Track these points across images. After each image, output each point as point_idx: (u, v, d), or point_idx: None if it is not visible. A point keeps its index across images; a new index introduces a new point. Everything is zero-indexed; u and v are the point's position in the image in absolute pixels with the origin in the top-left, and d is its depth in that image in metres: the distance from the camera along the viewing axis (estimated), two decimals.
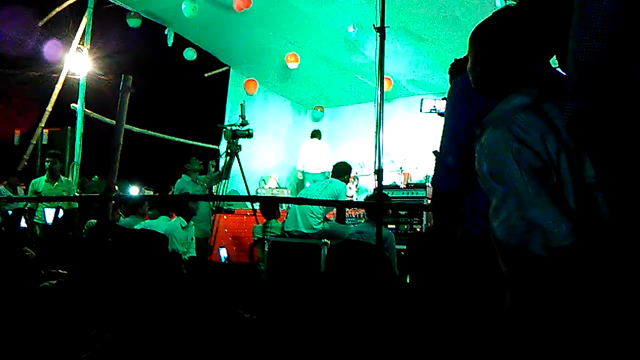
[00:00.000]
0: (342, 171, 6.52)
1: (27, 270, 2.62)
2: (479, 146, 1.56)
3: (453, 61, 2.83)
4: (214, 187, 7.45)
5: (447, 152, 2.13)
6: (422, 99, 4.37)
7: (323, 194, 6.21)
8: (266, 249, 5.69)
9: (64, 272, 2.71)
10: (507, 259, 1.47)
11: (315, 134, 10.10)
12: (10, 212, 3.79)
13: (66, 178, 7.37)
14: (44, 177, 7.26)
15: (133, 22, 8.25)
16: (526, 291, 1.43)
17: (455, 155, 2.07)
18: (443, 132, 2.17)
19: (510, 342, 1.48)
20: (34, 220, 6.87)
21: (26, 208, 6.84)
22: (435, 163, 2.25)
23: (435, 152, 2.30)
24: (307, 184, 9.15)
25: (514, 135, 1.46)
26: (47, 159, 7.40)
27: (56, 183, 7.18)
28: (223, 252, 6.28)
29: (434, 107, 4.31)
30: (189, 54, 9.26)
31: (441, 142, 2.16)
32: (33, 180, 7.44)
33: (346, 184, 6.51)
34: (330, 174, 6.84)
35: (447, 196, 2.14)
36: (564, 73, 1.57)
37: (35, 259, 2.83)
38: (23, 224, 4.50)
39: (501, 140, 1.47)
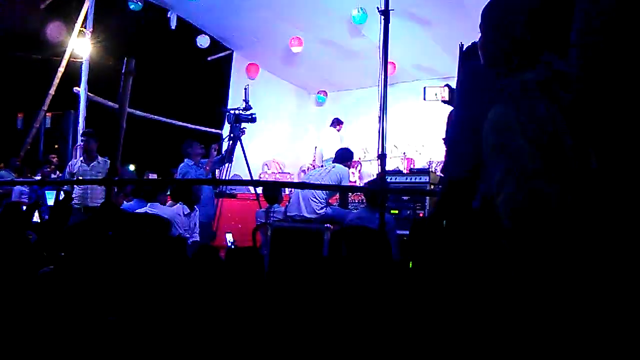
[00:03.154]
0: (344, 157, 6.53)
1: (28, 256, 2.63)
2: (486, 121, 1.55)
3: (462, 47, 2.80)
4: (216, 171, 7.45)
5: (460, 139, 2.10)
6: (424, 88, 4.34)
7: (326, 178, 6.21)
8: (269, 234, 5.70)
9: (63, 255, 2.72)
10: (510, 233, 1.47)
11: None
12: (24, 207, 3.77)
13: (104, 159, 6.71)
14: (80, 158, 6.78)
15: (135, 6, 8.21)
16: (530, 265, 1.43)
17: (468, 143, 2.05)
18: (454, 119, 2.15)
19: (513, 319, 1.48)
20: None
21: (40, 202, 6.68)
22: (446, 151, 2.23)
23: (444, 140, 2.28)
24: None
25: (522, 110, 1.45)
26: (81, 138, 7.06)
27: (92, 164, 6.66)
28: (229, 238, 6.28)
29: (436, 94, 4.28)
30: (202, 41, 9.24)
31: (452, 129, 2.14)
32: (69, 162, 6.99)
33: (349, 169, 6.52)
34: (333, 159, 6.84)
35: (460, 184, 2.12)
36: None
37: (36, 243, 2.84)
38: (36, 218, 4.49)
39: (510, 114, 1.47)
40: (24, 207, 3.66)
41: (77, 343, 2.26)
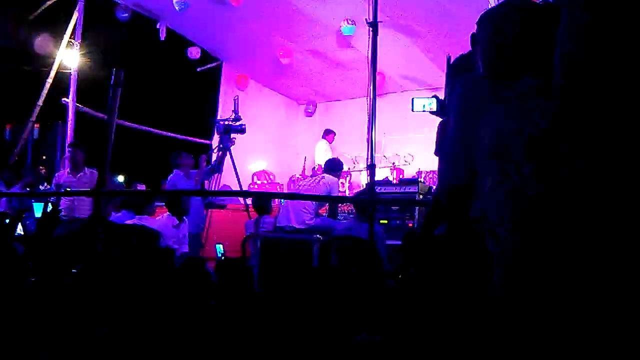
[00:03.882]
0: (334, 167, 6.55)
1: (15, 267, 2.61)
2: (484, 127, 1.58)
3: (450, 58, 2.82)
4: (205, 182, 7.43)
5: (457, 150, 2.11)
6: (412, 99, 4.36)
7: (316, 189, 6.22)
8: (258, 245, 5.69)
9: (49, 267, 2.70)
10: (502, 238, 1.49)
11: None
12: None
13: (90, 170, 6.69)
14: (67, 169, 6.76)
15: (123, 16, 8.22)
16: (522, 266, 1.45)
17: (467, 153, 2.06)
18: (451, 130, 2.16)
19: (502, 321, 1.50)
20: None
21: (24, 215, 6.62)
22: (440, 161, 2.23)
23: (435, 153, 2.29)
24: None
25: (520, 113, 1.48)
26: (67, 149, 7.01)
27: (79, 174, 6.65)
28: (219, 248, 6.26)
29: (424, 105, 4.29)
30: (193, 54, 9.26)
31: (448, 140, 2.15)
32: (56, 174, 7.01)
33: (338, 179, 6.54)
34: (323, 169, 6.87)
35: (457, 194, 2.13)
36: None
37: (23, 254, 2.82)
38: (19, 230, 4.45)
39: (509, 117, 1.49)
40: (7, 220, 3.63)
41: (66, 355, 2.24)
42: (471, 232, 1.91)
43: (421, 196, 6.63)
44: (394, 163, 9.19)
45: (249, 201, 7.11)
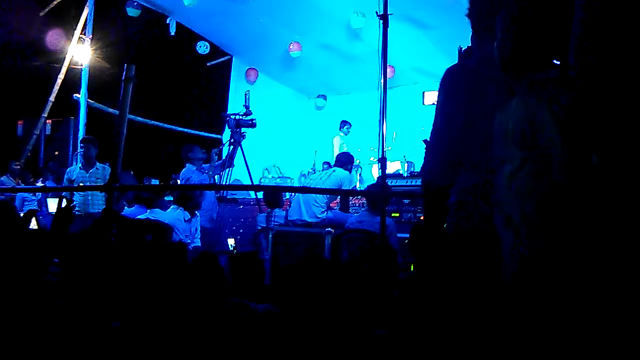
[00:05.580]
0: (345, 161, 6.55)
1: (30, 264, 2.63)
2: (504, 115, 1.57)
3: (461, 50, 2.81)
4: (217, 176, 7.45)
5: (441, 143, 2.10)
6: (423, 92, 4.34)
7: (327, 182, 6.22)
8: (270, 238, 5.70)
9: (63, 262, 2.72)
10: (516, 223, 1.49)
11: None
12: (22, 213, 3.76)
13: (102, 165, 6.76)
14: (79, 165, 6.86)
15: (132, 12, 8.24)
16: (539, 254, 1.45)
17: (449, 147, 2.05)
18: (434, 123, 2.16)
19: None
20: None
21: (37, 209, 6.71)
22: (426, 154, 2.23)
23: (426, 142, 2.27)
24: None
25: (550, 100, 1.47)
26: (80, 144, 7.11)
27: (91, 170, 6.69)
28: (230, 242, 6.28)
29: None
30: (202, 49, 9.27)
31: (433, 132, 2.14)
32: (68, 169, 7.10)
33: (349, 173, 6.53)
34: (334, 163, 6.86)
35: (432, 186, 2.12)
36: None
37: (37, 250, 2.84)
38: (33, 225, 4.49)
39: (538, 105, 1.48)
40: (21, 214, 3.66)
41: (82, 349, 2.26)
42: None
43: None
44: (404, 156, 9.15)
45: (260, 195, 7.12)
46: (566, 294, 1.40)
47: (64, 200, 2.89)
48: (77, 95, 8.54)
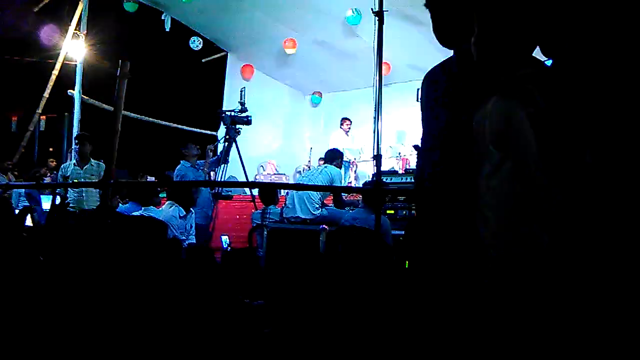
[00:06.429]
0: (333, 157, 6.58)
1: (25, 258, 2.63)
2: (480, 114, 1.56)
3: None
4: (212, 173, 7.44)
5: (432, 146, 2.10)
6: (417, 89, 4.35)
7: (318, 179, 6.25)
8: (265, 235, 5.70)
9: (58, 257, 2.72)
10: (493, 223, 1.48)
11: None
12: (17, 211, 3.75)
13: (97, 161, 6.78)
14: (74, 161, 6.87)
15: (130, 7, 8.21)
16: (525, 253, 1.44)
17: (439, 150, 2.05)
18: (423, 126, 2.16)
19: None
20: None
21: (33, 207, 6.69)
22: (418, 158, 2.24)
23: (416, 147, 2.28)
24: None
25: (526, 101, 1.46)
26: (75, 141, 7.10)
27: (85, 166, 6.72)
28: (225, 239, 6.28)
29: None
30: (195, 44, 9.25)
31: (426, 136, 2.15)
32: (62, 165, 7.12)
33: (339, 168, 6.56)
34: (323, 160, 6.89)
35: (420, 184, 2.13)
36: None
37: (32, 246, 2.84)
38: (29, 222, 4.49)
39: (512, 106, 1.48)
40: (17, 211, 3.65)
41: (75, 345, 2.26)
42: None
43: None
44: (399, 153, 9.16)
45: (255, 192, 7.12)
46: (534, 297, 1.39)
47: (58, 197, 2.89)
48: (72, 91, 8.50)
